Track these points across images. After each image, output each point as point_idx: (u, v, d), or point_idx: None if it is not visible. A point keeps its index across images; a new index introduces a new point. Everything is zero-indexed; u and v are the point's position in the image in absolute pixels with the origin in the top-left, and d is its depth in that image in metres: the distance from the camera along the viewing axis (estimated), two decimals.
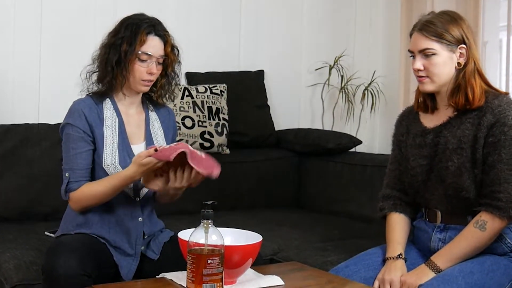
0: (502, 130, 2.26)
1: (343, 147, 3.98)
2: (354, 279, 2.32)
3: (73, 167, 2.45)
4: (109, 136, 2.49)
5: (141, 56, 2.46)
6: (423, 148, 2.44)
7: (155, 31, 2.49)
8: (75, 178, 2.44)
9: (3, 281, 2.53)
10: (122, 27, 2.51)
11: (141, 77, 2.48)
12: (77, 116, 2.48)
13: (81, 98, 2.58)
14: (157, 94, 2.63)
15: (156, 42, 2.49)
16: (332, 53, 4.50)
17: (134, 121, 2.59)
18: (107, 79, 2.49)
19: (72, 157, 2.46)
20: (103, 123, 2.50)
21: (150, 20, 2.52)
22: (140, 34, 2.46)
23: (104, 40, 2.57)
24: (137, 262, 2.47)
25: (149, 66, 2.47)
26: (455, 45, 2.33)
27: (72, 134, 2.46)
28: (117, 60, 2.47)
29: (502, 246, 2.34)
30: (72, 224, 2.50)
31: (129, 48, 2.46)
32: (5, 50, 3.58)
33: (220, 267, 1.92)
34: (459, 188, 2.33)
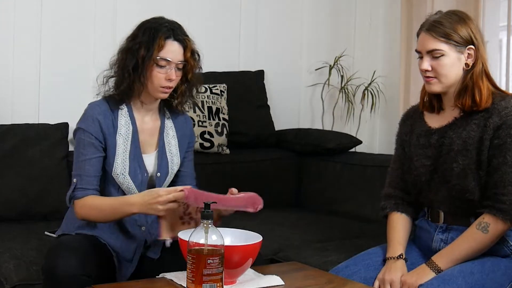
0: (508, 133, 2.25)
1: (343, 147, 3.98)
2: (354, 279, 2.32)
3: (81, 174, 2.39)
4: (121, 145, 2.43)
5: (160, 61, 2.37)
6: (427, 149, 2.43)
7: (174, 36, 2.40)
8: (82, 185, 2.38)
9: (3, 281, 2.52)
10: (140, 32, 2.43)
11: (160, 83, 2.39)
12: (91, 122, 2.42)
13: (96, 101, 2.50)
14: (177, 101, 2.54)
15: (175, 47, 2.39)
16: (332, 53, 4.50)
17: (148, 129, 2.52)
18: (124, 85, 2.41)
19: (81, 163, 2.40)
20: (117, 131, 2.44)
21: (169, 24, 2.43)
22: (158, 39, 2.37)
23: (122, 44, 2.49)
24: (134, 267, 2.46)
25: (167, 72, 2.38)
26: (463, 46, 2.31)
27: (83, 139, 2.40)
28: (134, 65, 2.38)
29: (504, 249, 2.34)
30: (73, 225, 2.49)
31: (146, 53, 2.37)
32: (5, 51, 3.57)
33: (220, 267, 1.92)
34: (464, 190, 2.32)
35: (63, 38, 3.71)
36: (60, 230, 2.56)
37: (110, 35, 3.81)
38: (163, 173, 2.53)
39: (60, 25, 3.70)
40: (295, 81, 4.52)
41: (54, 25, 3.68)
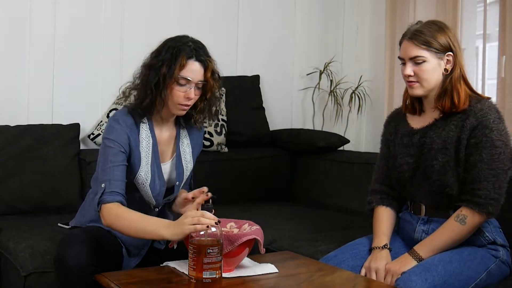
0: (484, 132, 2.25)
1: (332, 145, 3.97)
2: (343, 267, 2.31)
3: (110, 178, 2.25)
4: (144, 158, 2.36)
5: (180, 80, 2.28)
6: (410, 147, 2.43)
7: (196, 56, 2.30)
8: (111, 188, 2.23)
9: (19, 269, 2.52)
10: (164, 49, 2.33)
11: (179, 101, 2.30)
12: (121, 135, 2.31)
13: (122, 113, 2.38)
14: (196, 118, 2.46)
15: (196, 67, 2.30)
16: (322, 59, 4.50)
17: (165, 139, 2.45)
18: (147, 101, 2.32)
19: (109, 169, 2.27)
20: (139, 144, 2.37)
21: (193, 43, 2.33)
22: (180, 58, 2.27)
23: (146, 59, 2.40)
24: (141, 258, 2.44)
25: (187, 91, 2.29)
26: (442, 53, 2.32)
27: (113, 148, 2.29)
28: (156, 82, 2.29)
29: (480, 239, 2.34)
30: (86, 218, 2.46)
31: (168, 71, 2.27)
32: (21, 57, 3.57)
33: (219, 256, 1.91)
34: (443, 185, 2.32)
35: (75, 46, 3.70)
36: (73, 222, 2.54)
37: (118, 43, 3.82)
38: (180, 180, 2.48)
39: (72, 33, 3.69)
40: (288, 85, 4.51)
41: (66, 33, 3.67)
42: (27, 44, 3.57)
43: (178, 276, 2.05)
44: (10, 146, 3.29)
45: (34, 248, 2.60)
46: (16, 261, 2.57)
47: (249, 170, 3.91)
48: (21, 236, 2.75)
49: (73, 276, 2.11)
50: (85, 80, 3.74)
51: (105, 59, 3.78)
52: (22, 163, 3.28)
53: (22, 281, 2.48)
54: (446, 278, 2.16)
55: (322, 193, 3.89)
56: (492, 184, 2.23)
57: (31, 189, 3.27)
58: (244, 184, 3.89)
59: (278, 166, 4.06)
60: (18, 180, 3.26)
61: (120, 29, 3.83)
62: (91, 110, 3.74)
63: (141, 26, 3.90)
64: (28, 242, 2.66)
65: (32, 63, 3.59)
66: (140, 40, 3.88)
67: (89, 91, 3.74)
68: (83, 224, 2.45)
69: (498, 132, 2.25)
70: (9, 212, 3.21)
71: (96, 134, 3.64)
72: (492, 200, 2.23)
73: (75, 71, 3.70)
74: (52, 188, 3.31)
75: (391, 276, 2.25)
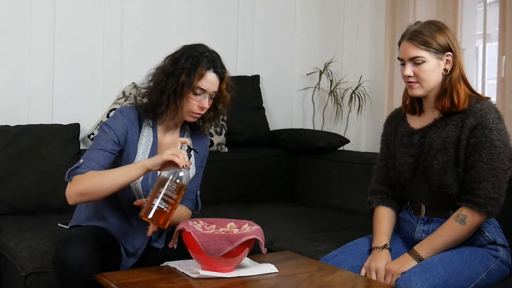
0: (483, 132, 2.25)
1: (332, 145, 3.97)
2: (343, 267, 2.31)
3: (90, 157, 2.27)
4: (140, 154, 2.37)
5: (196, 90, 2.31)
6: (410, 148, 2.43)
7: (214, 68, 2.34)
8: (85, 166, 2.25)
9: (19, 269, 2.52)
10: (183, 57, 2.34)
11: (192, 109, 2.34)
12: (119, 124, 2.34)
13: (128, 108, 2.42)
14: (204, 126, 2.49)
15: (213, 79, 2.34)
16: (322, 59, 4.50)
17: (166, 144, 2.44)
18: (162, 108, 2.35)
19: (95, 151, 2.29)
20: (139, 139, 2.39)
21: (210, 54, 2.37)
22: (199, 69, 2.30)
23: (162, 65, 2.41)
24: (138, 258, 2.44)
25: (201, 101, 2.33)
26: (442, 53, 2.31)
27: (107, 133, 2.32)
28: (173, 90, 2.31)
29: (480, 239, 2.34)
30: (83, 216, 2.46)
31: (187, 80, 2.30)
32: (21, 58, 3.57)
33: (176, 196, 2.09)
34: (443, 185, 2.32)
35: (74, 46, 3.70)
36: (71, 222, 2.55)
37: (118, 43, 3.82)
38: None
39: (72, 33, 3.69)
40: (288, 85, 4.51)
41: (66, 33, 3.67)
42: (27, 44, 3.57)
43: (178, 276, 2.05)
44: (10, 146, 3.29)
45: (34, 248, 2.60)
46: (16, 261, 2.57)
47: (249, 170, 3.91)
48: (21, 236, 2.75)
49: (72, 276, 2.11)
50: (85, 80, 3.74)
51: (105, 59, 3.78)
52: (22, 163, 3.28)
53: (22, 281, 2.48)
54: (446, 278, 2.16)
55: (322, 193, 3.89)
56: (492, 184, 2.23)
57: (31, 189, 3.27)
58: (244, 184, 3.89)
59: (278, 166, 4.06)
60: (18, 180, 3.26)
61: (120, 29, 3.83)
62: (91, 110, 3.74)
63: (141, 27, 3.90)
64: (28, 242, 2.66)
65: (32, 63, 3.59)
66: (140, 40, 3.90)
67: (89, 91, 3.74)
68: (82, 222, 2.45)
69: (497, 132, 2.25)
70: (9, 212, 3.22)
71: (96, 134, 3.64)
72: (492, 200, 2.23)
73: (75, 71, 3.70)
74: (52, 188, 3.31)
75: (391, 276, 2.25)
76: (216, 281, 2.01)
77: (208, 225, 2.20)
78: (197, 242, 2.00)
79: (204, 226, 2.18)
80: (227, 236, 2.04)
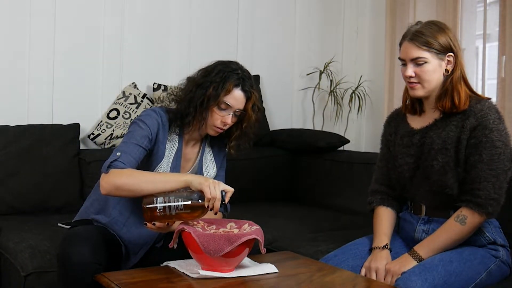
0: (484, 133, 2.24)
1: (333, 145, 3.97)
2: (343, 267, 2.31)
3: (127, 152, 2.27)
4: (167, 156, 2.40)
5: (222, 104, 2.34)
6: (410, 148, 2.43)
7: (242, 86, 2.36)
8: (124, 160, 2.24)
9: (19, 269, 2.52)
10: (214, 71, 2.37)
11: (215, 123, 2.37)
12: (154, 122, 2.36)
13: (160, 108, 2.44)
14: (231, 145, 2.52)
15: (240, 96, 2.36)
16: (322, 60, 4.51)
17: (187, 153, 2.49)
18: (189, 118, 2.37)
19: (132, 145, 2.29)
20: (167, 141, 2.41)
21: (242, 72, 2.40)
22: (228, 84, 2.33)
23: (194, 75, 2.44)
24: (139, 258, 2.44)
25: (225, 116, 2.35)
26: (443, 53, 2.31)
27: (143, 129, 2.33)
28: (201, 102, 2.34)
29: (480, 239, 2.33)
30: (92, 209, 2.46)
31: (214, 93, 2.33)
32: (22, 58, 3.57)
33: (172, 217, 2.11)
34: (443, 185, 2.32)
35: (74, 46, 3.71)
36: (77, 217, 2.52)
37: (118, 43, 3.82)
38: None
39: (72, 33, 3.69)
40: (288, 85, 4.52)
41: (66, 33, 3.68)
42: (27, 44, 3.57)
43: (178, 276, 2.05)
44: (10, 146, 3.29)
45: (34, 248, 2.60)
46: (16, 261, 2.57)
47: (249, 170, 3.91)
48: (21, 236, 2.75)
49: (76, 273, 2.11)
50: (85, 80, 3.74)
51: (105, 59, 3.79)
52: (22, 163, 3.28)
53: (22, 281, 2.48)
54: (446, 278, 2.16)
55: (322, 193, 3.89)
56: (492, 184, 2.23)
57: (31, 189, 3.27)
58: (244, 184, 3.88)
59: (278, 166, 4.06)
60: (18, 180, 3.26)
61: (120, 29, 3.84)
62: (91, 110, 3.74)
63: (141, 27, 3.91)
64: (28, 242, 2.66)
65: (32, 63, 3.59)
66: (140, 41, 3.90)
67: (89, 91, 3.74)
68: (89, 215, 2.45)
69: (498, 132, 2.25)
70: (9, 212, 3.22)
71: (96, 134, 3.64)
72: (492, 200, 2.23)
73: (75, 71, 3.71)
74: (52, 188, 3.31)
75: (391, 276, 2.25)
76: (216, 281, 2.01)
77: (208, 225, 2.20)
78: (197, 242, 2.01)
79: (204, 226, 2.18)
80: (227, 236, 2.04)
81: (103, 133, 3.63)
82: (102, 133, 3.63)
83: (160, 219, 2.12)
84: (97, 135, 3.64)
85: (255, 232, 2.11)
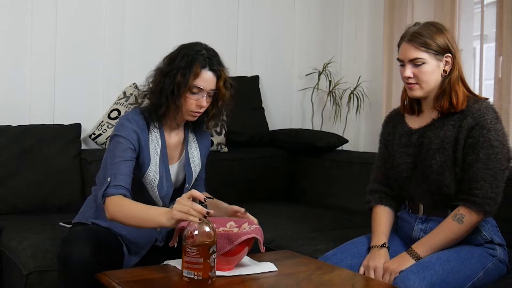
0: (481, 133, 2.25)
1: (331, 145, 3.97)
2: (341, 265, 2.31)
3: (116, 173, 2.23)
4: (153, 159, 2.37)
5: (193, 89, 2.29)
6: (408, 147, 2.43)
7: (210, 66, 2.30)
8: (116, 182, 2.21)
9: (21, 268, 2.51)
10: (179, 56, 2.32)
11: (191, 108, 2.32)
12: (131, 133, 2.31)
13: (133, 112, 2.39)
14: (208, 124, 2.49)
15: (209, 77, 2.31)
16: (321, 60, 4.51)
17: (173, 143, 2.46)
18: (163, 109, 2.33)
19: (117, 164, 2.26)
20: (149, 144, 2.37)
21: (206, 52, 2.34)
22: (194, 67, 2.27)
23: (160, 64, 2.39)
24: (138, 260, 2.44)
25: (199, 99, 2.31)
26: (441, 54, 2.31)
27: (122, 143, 2.29)
28: (171, 91, 2.29)
29: (478, 238, 2.33)
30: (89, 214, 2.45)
31: (182, 79, 2.28)
32: (23, 58, 3.57)
33: (200, 257, 1.87)
34: (441, 185, 2.32)
35: (76, 46, 3.71)
36: (76, 218, 2.53)
37: (119, 43, 3.83)
38: (189, 182, 2.51)
39: (74, 34, 3.70)
40: (287, 85, 4.52)
41: (68, 34, 3.68)
42: (28, 45, 3.57)
43: (178, 275, 2.05)
44: (12, 146, 3.29)
45: (35, 247, 2.60)
46: (18, 259, 2.57)
47: (249, 170, 3.91)
48: (23, 235, 2.75)
49: (76, 273, 2.10)
50: (86, 81, 3.74)
51: (106, 59, 3.79)
52: (23, 163, 3.28)
53: (24, 280, 2.48)
54: (443, 277, 2.15)
55: (321, 192, 3.89)
56: (489, 183, 2.23)
57: (32, 189, 3.27)
58: (244, 183, 3.89)
59: (277, 165, 4.06)
60: (19, 179, 3.26)
61: (121, 30, 3.84)
62: (92, 110, 3.74)
63: (142, 27, 3.91)
64: (29, 241, 2.66)
65: (34, 63, 3.59)
66: (140, 41, 3.90)
67: (90, 91, 3.75)
68: (88, 219, 2.44)
69: (495, 132, 2.25)
70: (10, 212, 3.22)
71: (97, 134, 3.64)
72: (489, 199, 2.23)
73: (76, 71, 3.71)
74: (53, 187, 3.31)
75: (389, 274, 2.25)
76: (216, 279, 2.01)
77: None
78: None
79: None
80: (227, 235, 2.04)
81: (104, 133, 3.63)
82: (103, 133, 3.63)
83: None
84: (98, 135, 3.64)
85: (254, 231, 2.11)
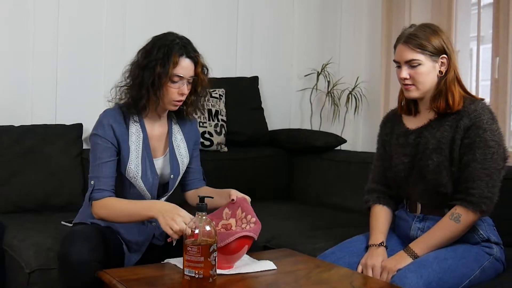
0: (477, 133, 2.25)
1: (330, 145, 3.98)
2: (340, 264, 2.31)
3: (98, 176, 2.31)
4: (134, 151, 2.38)
5: (174, 78, 2.31)
6: (406, 147, 2.43)
7: (187, 53, 2.32)
8: (99, 185, 2.30)
9: (24, 266, 2.52)
10: (155, 48, 2.33)
11: (173, 98, 2.34)
12: (106, 128, 2.34)
13: (110, 109, 2.43)
14: (188, 111, 2.49)
15: (187, 64, 2.33)
16: (319, 61, 4.51)
17: (156, 135, 2.47)
18: (143, 102, 2.34)
19: (98, 166, 2.33)
20: (129, 138, 2.38)
21: (180, 40, 2.35)
22: (172, 56, 2.29)
23: (135, 58, 2.41)
24: (141, 255, 2.45)
25: (180, 87, 2.33)
26: (437, 55, 2.32)
27: (100, 144, 2.34)
28: (152, 82, 2.30)
29: (474, 237, 2.34)
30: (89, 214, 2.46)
31: (162, 70, 2.29)
32: (25, 59, 3.57)
33: (200, 256, 1.87)
34: (438, 184, 2.33)
35: (77, 47, 3.70)
36: (76, 219, 2.54)
37: (120, 43, 3.82)
38: (176, 174, 2.50)
39: (75, 34, 3.70)
40: (286, 86, 4.52)
41: (69, 35, 3.68)
42: (31, 45, 3.57)
43: (179, 273, 2.05)
44: (14, 146, 3.29)
45: (38, 246, 2.61)
46: (21, 258, 2.57)
47: (248, 169, 3.91)
48: (25, 234, 2.75)
49: (76, 272, 2.11)
50: (88, 81, 3.74)
51: (107, 59, 3.78)
52: (26, 163, 3.28)
53: (26, 278, 2.48)
54: (441, 275, 2.16)
55: (319, 191, 3.89)
56: (485, 183, 2.23)
57: (35, 188, 3.28)
58: (243, 183, 3.87)
59: (276, 165, 4.06)
60: (22, 179, 3.26)
61: (122, 30, 3.84)
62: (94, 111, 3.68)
63: (142, 27, 3.90)
64: (32, 240, 2.66)
65: (36, 64, 3.59)
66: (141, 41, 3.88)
67: (92, 91, 3.74)
68: (87, 220, 2.45)
69: (491, 132, 2.25)
70: (13, 211, 3.22)
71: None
72: (486, 198, 2.23)
73: (78, 71, 3.70)
74: (55, 187, 3.31)
75: (387, 272, 2.25)
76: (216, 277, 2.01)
77: None
78: None
79: None
80: (226, 233, 2.05)
81: None
82: None
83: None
84: None
85: (253, 229, 2.11)
